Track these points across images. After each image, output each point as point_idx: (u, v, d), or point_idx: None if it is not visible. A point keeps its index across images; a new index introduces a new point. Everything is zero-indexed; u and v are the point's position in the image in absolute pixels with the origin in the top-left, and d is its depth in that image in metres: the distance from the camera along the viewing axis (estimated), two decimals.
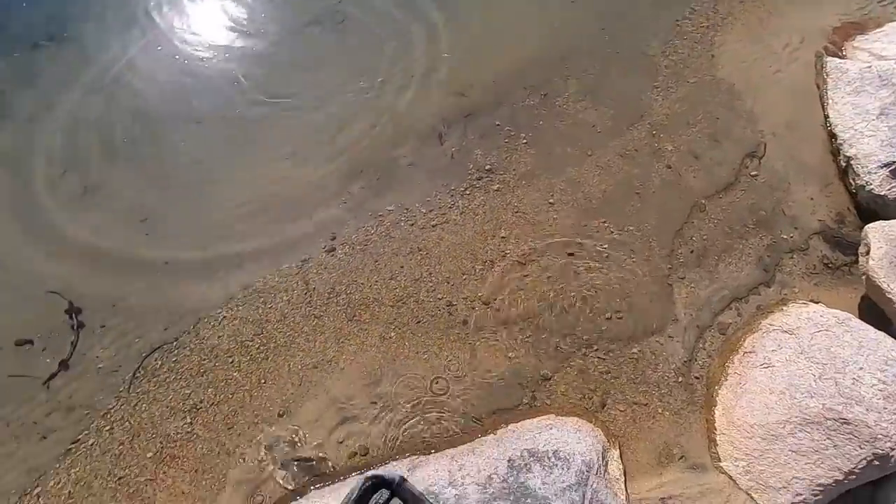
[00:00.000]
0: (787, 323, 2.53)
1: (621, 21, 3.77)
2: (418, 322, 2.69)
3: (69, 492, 2.28)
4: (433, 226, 2.98)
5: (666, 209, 3.01)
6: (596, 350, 2.63)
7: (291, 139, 3.28)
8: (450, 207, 3.05)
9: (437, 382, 2.54)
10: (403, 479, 1.73)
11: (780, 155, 3.15)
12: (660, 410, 2.50)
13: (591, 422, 2.47)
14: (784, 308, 2.66)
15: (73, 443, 2.38)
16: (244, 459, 2.34)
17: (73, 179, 3.11)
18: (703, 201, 3.03)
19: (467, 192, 3.10)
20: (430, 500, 1.78)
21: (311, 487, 2.30)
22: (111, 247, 2.91)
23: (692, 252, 2.88)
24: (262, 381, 2.52)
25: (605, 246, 2.90)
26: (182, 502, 2.25)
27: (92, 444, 2.38)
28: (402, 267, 2.84)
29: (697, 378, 2.58)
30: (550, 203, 3.06)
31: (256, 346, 2.61)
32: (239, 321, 2.68)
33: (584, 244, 2.91)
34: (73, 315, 2.65)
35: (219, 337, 2.63)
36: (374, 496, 1.67)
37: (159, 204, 3.04)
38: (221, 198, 3.08)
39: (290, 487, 2.28)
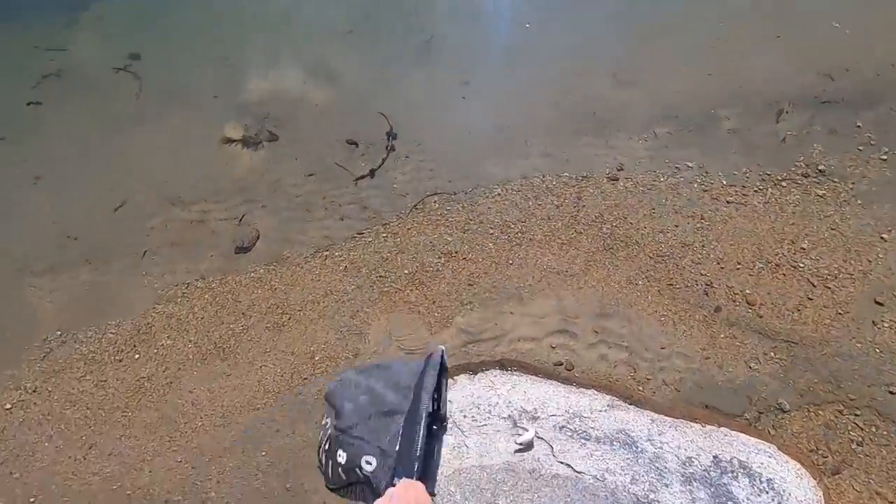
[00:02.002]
0: None
1: None
2: (670, 285, 2.50)
3: (345, 266, 2.77)
4: (728, 202, 2.63)
5: None
6: (857, 416, 2.17)
7: (625, 60, 3.08)
8: (755, 191, 2.64)
9: (663, 348, 2.39)
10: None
11: None
12: None
13: (813, 478, 2.11)
14: None
15: (358, 233, 2.85)
16: (472, 313, 2.56)
17: (419, 35, 3.42)
18: None
19: (783, 184, 2.63)
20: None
21: (511, 370, 2.45)
22: (430, 96, 3.20)
23: None
24: (510, 261, 2.65)
25: None
26: (415, 319, 2.58)
27: (369, 242, 2.81)
28: (676, 226, 2.61)
29: None
30: (882, 238, 2.45)
31: (516, 231, 2.72)
32: (509, 203, 2.80)
33: None
34: (390, 137, 3.04)
35: (488, 207, 2.80)
36: None
37: (479, 76, 3.20)
38: (533, 90, 3.11)
39: (496, 359, 2.46)
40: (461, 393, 2.19)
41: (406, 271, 2.70)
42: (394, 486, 1.35)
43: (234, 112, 3.25)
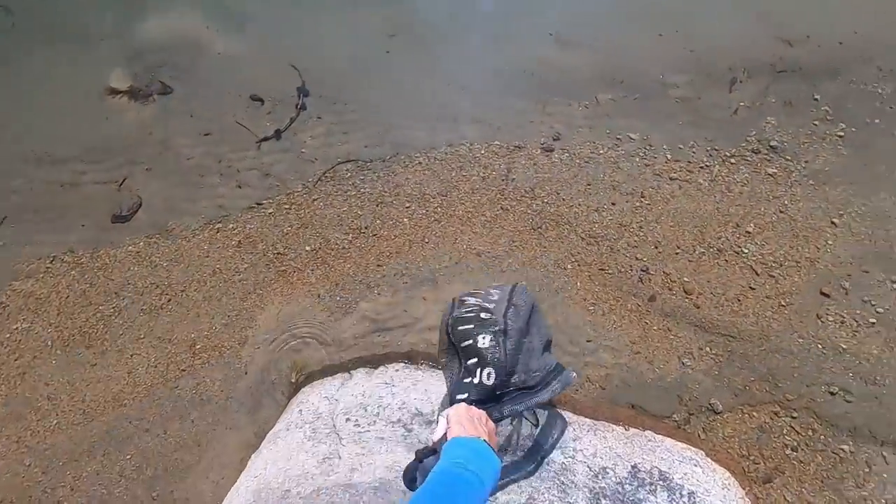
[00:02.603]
0: None
1: None
2: (602, 269, 2.20)
3: (238, 241, 2.38)
4: (672, 178, 2.33)
5: None
6: (795, 418, 1.94)
7: (568, 18, 2.71)
8: (701, 168, 2.35)
9: (589, 340, 2.10)
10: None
11: None
12: None
13: (742, 487, 1.88)
14: None
15: (257, 203, 2.44)
16: (379, 298, 2.21)
17: None
18: None
19: (732, 161, 2.35)
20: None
21: (419, 363, 2.13)
22: (350, 49, 2.76)
23: None
24: (425, 239, 2.30)
25: (880, 310, 2.04)
26: (314, 304, 2.22)
27: (270, 214, 2.42)
28: (613, 204, 2.31)
29: None
30: (833, 222, 2.20)
31: (435, 205, 2.36)
32: (430, 174, 2.44)
33: (850, 292, 2.08)
34: (301, 94, 2.62)
35: (406, 178, 2.43)
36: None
37: (406, 29, 2.78)
38: (466, 47, 2.72)
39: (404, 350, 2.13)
40: (352, 391, 1.86)
41: (308, 248, 2.33)
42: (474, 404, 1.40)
43: (123, 58, 2.76)
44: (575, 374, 1.75)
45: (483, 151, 2.46)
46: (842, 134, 2.35)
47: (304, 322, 2.18)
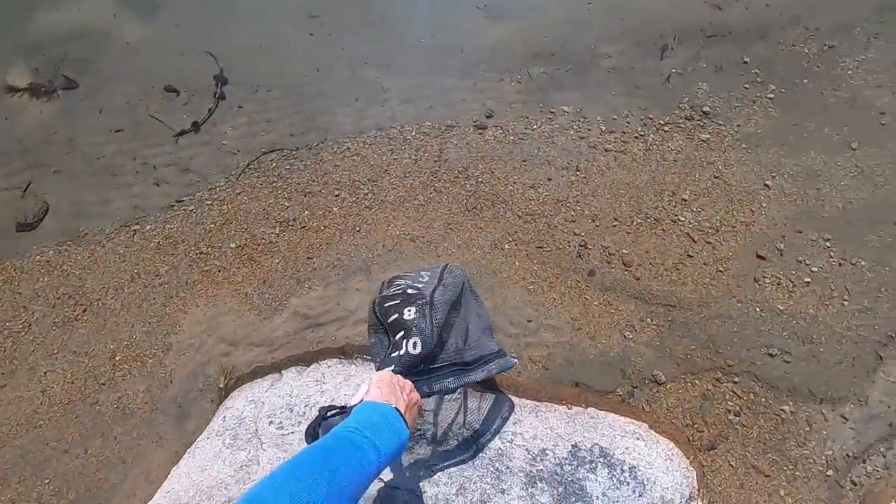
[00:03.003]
0: None
1: None
2: (540, 247, 2.14)
3: (158, 242, 2.22)
4: (606, 150, 2.28)
5: None
6: (736, 383, 1.93)
7: None
8: (636, 137, 2.30)
9: (529, 320, 2.04)
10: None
11: None
12: (782, 493, 1.80)
13: (687, 456, 1.86)
14: None
15: (177, 201, 2.29)
16: (310, 293, 2.10)
17: None
18: None
19: (666, 129, 2.31)
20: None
21: (353, 358, 2.03)
22: (270, 32, 2.61)
23: None
24: (357, 228, 2.19)
25: (814, 269, 2.04)
26: (241, 303, 2.09)
27: (190, 211, 2.26)
28: (549, 179, 2.24)
29: (854, 484, 1.80)
30: (766, 185, 2.19)
31: (366, 191, 2.25)
32: (360, 159, 2.32)
33: (785, 253, 2.07)
34: (219, 84, 2.46)
35: (335, 166, 2.31)
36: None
37: (331, 9, 2.64)
38: (396, 27, 2.61)
39: (339, 346, 2.03)
40: (279, 392, 1.75)
41: (233, 245, 2.19)
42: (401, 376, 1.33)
43: (22, 53, 2.53)
44: (516, 360, 1.70)
45: (414, 133, 2.36)
46: (772, 96, 2.34)
47: (231, 323, 2.05)
